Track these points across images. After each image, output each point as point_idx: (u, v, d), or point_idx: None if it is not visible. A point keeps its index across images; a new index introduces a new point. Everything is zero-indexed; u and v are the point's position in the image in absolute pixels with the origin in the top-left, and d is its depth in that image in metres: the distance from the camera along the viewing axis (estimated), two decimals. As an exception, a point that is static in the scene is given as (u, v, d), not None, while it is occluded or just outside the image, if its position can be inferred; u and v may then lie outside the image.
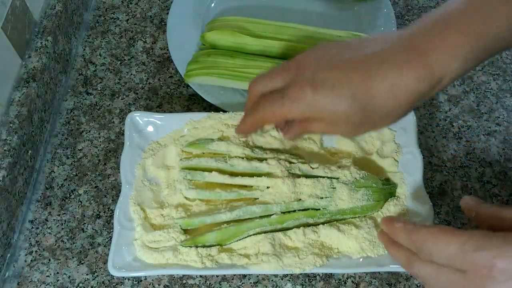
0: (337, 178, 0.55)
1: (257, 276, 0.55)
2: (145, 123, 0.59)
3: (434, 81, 0.40)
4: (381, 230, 0.47)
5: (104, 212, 0.59)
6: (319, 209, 0.53)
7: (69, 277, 0.55)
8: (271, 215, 0.53)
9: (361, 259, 0.52)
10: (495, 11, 0.40)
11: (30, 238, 0.57)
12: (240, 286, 0.54)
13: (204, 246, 0.52)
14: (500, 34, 0.41)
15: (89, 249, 0.56)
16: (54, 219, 0.58)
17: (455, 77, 0.41)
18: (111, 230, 0.54)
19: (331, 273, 0.55)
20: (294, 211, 0.53)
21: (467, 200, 0.45)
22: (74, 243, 0.57)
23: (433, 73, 0.40)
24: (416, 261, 0.41)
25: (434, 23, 0.41)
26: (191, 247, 0.51)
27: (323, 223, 0.53)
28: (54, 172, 0.61)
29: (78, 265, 0.55)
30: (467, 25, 0.40)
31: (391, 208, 0.54)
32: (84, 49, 0.71)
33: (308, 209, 0.53)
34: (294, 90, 0.43)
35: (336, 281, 0.55)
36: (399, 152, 0.58)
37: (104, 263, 0.55)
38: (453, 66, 0.40)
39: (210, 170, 0.55)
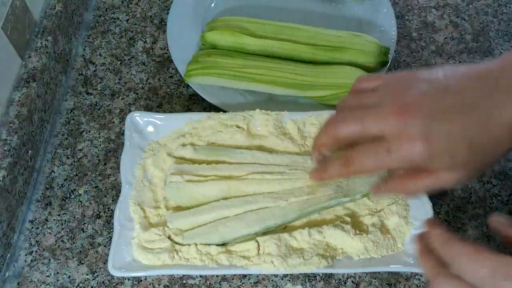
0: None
1: (257, 276, 0.55)
2: (145, 123, 0.59)
3: None
4: (419, 234, 0.45)
5: (104, 212, 0.59)
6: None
7: (69, 277, 0.55)
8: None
9: (361, 259, 0.52)
10: None
11: (30, 238, 0.57)
12: (240, 286, 0.54)
13: (204, 244, 0.52)
14: None
15: (89, 249, 0.56)
16: (54, 219, 0.58)
17: None
18: (111, 230, 0.54)
19: (331, 273, 0.55)
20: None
21: (498, 219, 0.43)
22: (74, 243, 0.57)
23: None
24: (442, 275, 0.40)
25: None
26: (190, 245, 0.52)
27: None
28: (54, 172, 0.61)
29: (78, 265, 0.55)
30: None
31: (393, 208, 0.54)
32: (84, 49, 0.71)
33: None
34: (404, 145, 0.40)
35: (336, 281, 0.55)
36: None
37: (104, 263, 0.55)
38: None
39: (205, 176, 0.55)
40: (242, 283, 0.54)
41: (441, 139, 0.40)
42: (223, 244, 0.53)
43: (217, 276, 0.55)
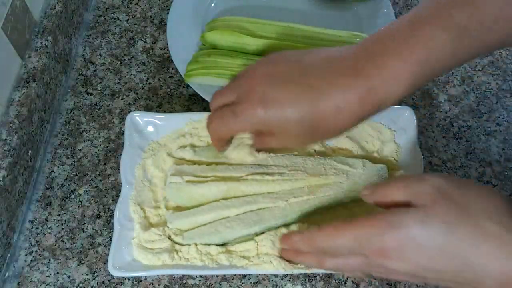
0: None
1: (257, 276, 0.55)
2: (145, 123, 0.59)
3: (376, 104, 0.43)
4: (282, 249, 0.50)
5: (104, 212, 0.59)
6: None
7: (69, 277, 0.55)
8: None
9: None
10: (438, 38, 0.42)
11: (30, 238, 0.57)
12: (240, 286, 0.54)
13: (204, 245, 0.52)
14: (443, 61, 0.43)
15: (89, 249, 0.56)
16: (54, 219, 0.58)
17: (398, 99, 0.43)
18: (111, 230, 0.54)
19: (331, 273, 0.55)
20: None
21: (367, 189, 0.46)
22: (74, 243, 0.57)
23: (375, 97, 0.42)
24: (325, 259, 0.44)
25: (379, 47, 0.43)
26: (190, 245, 0.52)
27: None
28: (54, 172, 0.61)
29: (78, 265, 0.55)
30: (410, 52, 0.42)
31: None
32: (84, 49, 0.71)
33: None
34: (246, 107, 0.45)
35: (336, 281, 0.55)
36: (399, 152, 0.59)
37: (104, 263, 0.55)
38: (396, 92, 0.42)
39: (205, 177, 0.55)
40: (242, 283, 0.54)
41: (275, 107, 0.44)
42: (223, 244, 0.53)
43: (217, 276, 0.55)
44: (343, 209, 0.55)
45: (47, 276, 0.55)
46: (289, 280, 0.54)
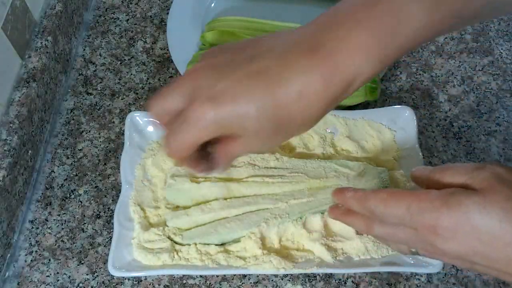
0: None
1: (257, 276, 0.55)
2: (145, 123, 0.59)
3: (344, 83, 0.37)
4: (331, 206, 0.47)
5: (104, 212, 0.59)
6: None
7: (69, 277, 0.55)
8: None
9: (361, 259, 0.52)
10: (409, 7, 0.37)
11: (30, 238, 0.57)
12: (240, 286, 0.54)
13: (204, 244, 0.52)
14: (415, 31, 0.38)
15: (89, 249, 0.56)
16: (54, 219, 0.58)
17: (370, 77, 0.38)
18: (111, 230, 0.54)
19: (331, 273, 0.55)
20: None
21: (419, 169, 0.44)
22: (74, 243, 0.57)
23: (342, 75, 0.37)
24: (374, 223, 0.42)
25: (341, 19, 0.38)
26: (190, 245, 0.52)
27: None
28: (54, 172, 0.61)
29: (78, 265, 0.55)
30: (377, 23, 0.37)
31: None
32: (84, 49, 0.71)
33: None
34: (194, 109, 0.37)
35: (336, 281, 0.55)
36: (399, 152, 0.58)
37: (104, 263, 0.55)
38: (365, 67, 0.37)
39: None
40: (242, 283, 0.54)
41: (226, 100, 0.37)
42: (222, 244, 0.52)
43: (217, 276, 0.55)
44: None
45: (47, 276, 0.55)
46: (289, 280, 0.54)
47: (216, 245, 0.52)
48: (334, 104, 0.39)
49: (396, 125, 0.59)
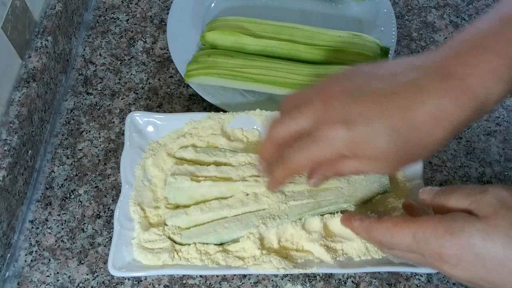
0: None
1: (257, 276, 0.55)
2: (145, 123, 0.59)
3: (477, 106, 0.38)
4: (346, 216, 0.49)
5: (104, 212, 0.59)
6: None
7: (69, 277, 0.55)
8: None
9: (361, 259, 0.52)
10: None
11: (30, 238, 0.57)
12: (240, 286, 0.54)
13: (203, 243, 0.52)
14: None
15: (89, 249, 0.56)
16: (54, 219, 0.58)
17: (499, 99, 0.39)
18: (111, 230, 0.54)
19: (331, 273, 0.55)
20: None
21: (426, 191, 0.45)
22: (74, 243, 0.57)
23: (475, 99, 0.38)
24: (383, 248, 0.44)
25: (470, 46, 0.39)
26: (189, 245, 0.52)
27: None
28: (54, 172, 0.61)
29: (78, 265, 0.55)
30: (506, 46, 0.38)
31: (395, 213, 0.54)
32: (84, 49, 0.71)
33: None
34: (326, 130, 0.39)
35: (336, 281, 0.55)
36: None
37: (104, 263, 0.55)
38: (496, 89, 0.38)
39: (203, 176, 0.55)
40: (242, 283, 0.54)
41: (360, 123, 0.39)
42: (221, 244, 0.53)
43: (217, 276, 0.55)
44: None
45: (47, 276, 0.55)
46: (289, 280, 0.54)
47: (215, 244, 0.52)
48: (463, 128, 0.40)
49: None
